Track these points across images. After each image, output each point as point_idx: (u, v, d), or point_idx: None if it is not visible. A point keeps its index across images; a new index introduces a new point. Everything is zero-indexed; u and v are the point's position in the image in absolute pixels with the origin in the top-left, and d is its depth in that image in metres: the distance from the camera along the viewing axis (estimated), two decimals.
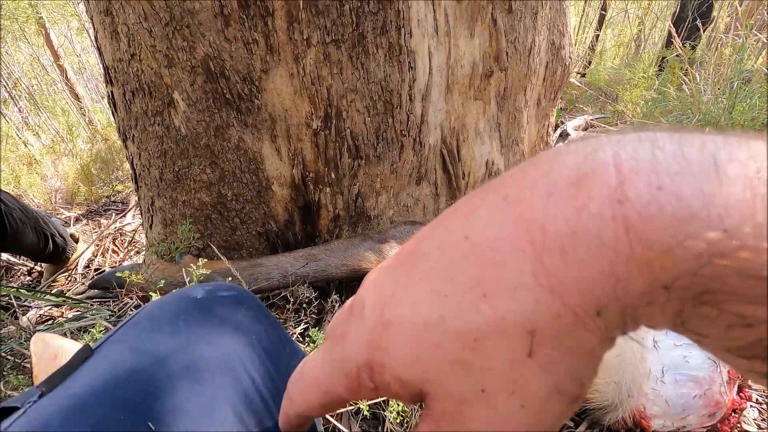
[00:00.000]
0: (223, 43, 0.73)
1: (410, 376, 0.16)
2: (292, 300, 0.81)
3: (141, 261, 1.15)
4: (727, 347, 0.13)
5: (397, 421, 0.63)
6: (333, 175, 0.88)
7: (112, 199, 2.59)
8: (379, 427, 0.69)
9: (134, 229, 1.75)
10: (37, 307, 1.11)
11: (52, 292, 1.14)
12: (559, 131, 2.22)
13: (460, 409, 0.15)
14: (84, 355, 0.32)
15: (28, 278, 1.57)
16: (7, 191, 1.26)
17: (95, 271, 1.49)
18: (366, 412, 0.60)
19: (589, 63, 4.00)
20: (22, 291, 0.86)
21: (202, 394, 0.29)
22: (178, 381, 0.29)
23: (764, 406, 0.81)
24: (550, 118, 1.15)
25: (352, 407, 0.66)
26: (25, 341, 0.67)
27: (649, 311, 0.13)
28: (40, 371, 0.47)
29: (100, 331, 0.67)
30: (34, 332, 0.60)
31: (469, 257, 0.15)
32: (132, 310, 0.91)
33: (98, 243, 1.63)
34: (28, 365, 0.67)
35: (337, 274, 0.85)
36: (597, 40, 4.14)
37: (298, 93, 0.79)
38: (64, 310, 1.18)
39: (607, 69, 3.50)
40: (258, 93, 0.78)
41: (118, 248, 1.65)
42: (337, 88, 0.79)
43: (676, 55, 2.55)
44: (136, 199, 1.19)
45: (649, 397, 0.72)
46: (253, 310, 0.39)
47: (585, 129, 2.32)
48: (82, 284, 1.37)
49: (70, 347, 0.52)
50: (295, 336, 0.76)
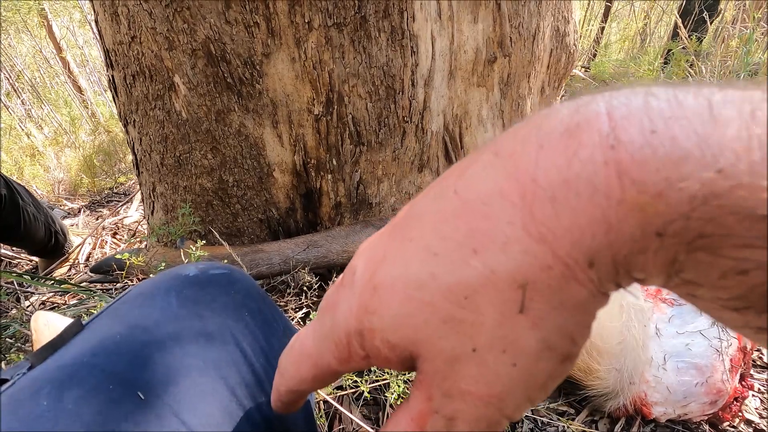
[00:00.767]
0: (224, 26, 0.72)
1: (400, 338, 0.16)
2: (293, 284, 0.81)
3: (142, 248, 1.16)
4: (722, 299, 0.13)
5: (398, 403, 0.63)
6: (335, 162, 0.87)
7: (115, 190, 2.60)
8: (380, 412, 0.69)
9: (136, 221, 1.76)
10: (40, 294, 1.12)
11: (55, 280, 1.14)
12: None
13: (452, 368, 0.15)
14: (74, 330, 0.31)
15: (31, 268, 1.58)
16: (22, 185, 1.26)
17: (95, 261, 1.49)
18: (367, 394, 0.60)
19: (594, 56, 3.97)
20: (26, 277, 0.86)
21: (192, 365, 0.29)
22: (168, 353, 0.29)
23: (766, 395, 0.80)
24: None
25: (354, 391, 0.66)
26: (27, 323, 0.67)
27: (642, 260, 0.13)
28: None
29: None
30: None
31: (459, 214, 0.15)
32: None
33: (97, 235, 1.63)
34: (30, 347, 0.68)
35: (338, 261, 0.85)
36: (602, 33, 4.10)
37: (299, 78, 0.78)
38: (66, 299, 1.18)
39: (612, 62, 3.47)
40: (259, 77, 0.77)
41: (118, 242, 1.65)
42: (339, 73, 0.78)
43: (682, 48, 2.53)
44: (139, 191, 1.18)
45: (651, 384, 0.72)
46: (246, 288, 0.38)
47: None
48: (85, 273, 1.38)
49: None
50: (296, 320, 0.76)
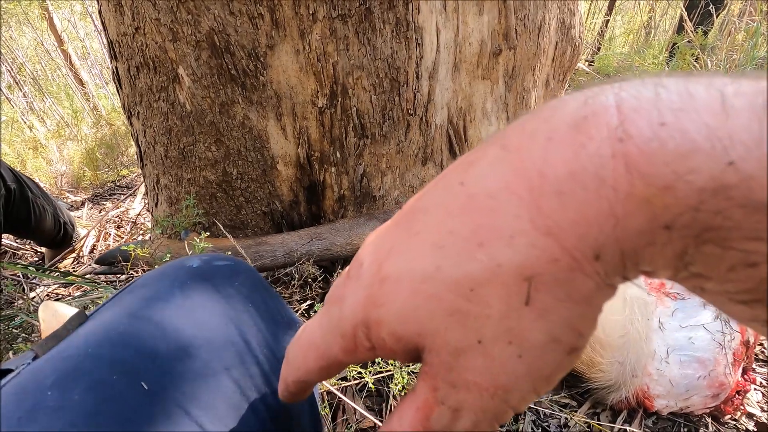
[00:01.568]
0: (228, 17, 0.72)
1: (406, 330, 0.16)
2: (297, 276, 0.81)
3: (146, 240, 1.16)
4: (730, 292, 0.13)
5: (402, 394, 0.64)
6: (338, 155, 0.87)
7: (117, 183, 2.60)
8: (383, 403, 0.70)
9: (138, 213, 1.76)
10: (46, 285, 1.12)
11: (60, 271, 1.15)
12: None
13: (457, 360, 0.15)
14: (79, 321, 0.31)
15: (36, 260, 1.59)
16: (31, 177, 1.27)
17: (100, 254, 1.50)
18: (371, 385, 0.61)
19: (598, 49, 3.94)
20: (31, 268, 0.87)
21: (196, 356, 0.29)
22: (172, 344, 0.29)
23: None
24: None
25: (357, 382, 0.66)
26: (34, 313, 0.68)
27: (650, 253, 0.13)
28: None
29: None
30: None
31: (466, 207, 0.15)
32: None
33: (101, 227, 1.64)
34: (37, 337, 0.68)
35: (341, 253, 0.85)
36: (606, 27, 4.06)
37: (303, 70, 0.78)
38: (71, 290, 1.19)
39: (617, 56, 3.44)
40: (263, 69, 0.77)
41: (121, 234, 1.66)
42: (343, 65, 0.78)
43: (688, 41, 2.51)
44: (142, 183, 1.19)
45: (653, 377, 0.72)
46: (250, 280, 0.38)
47: None
48: (89, 265, 1.38)
49: None
50: (301, 312, 0.77)
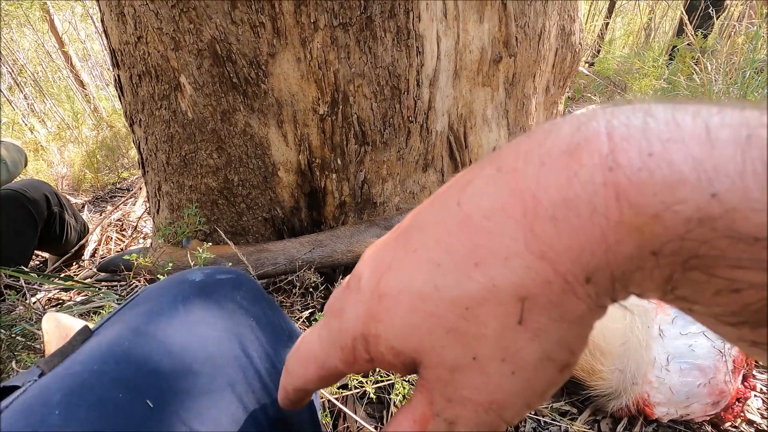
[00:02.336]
0: (229, 26, 0.72)
1: (404, 346, 0.16)
2: (299, 284, 0.81)
3: (148, 246, 1.16)
4: (717, 314, 0.13)
5: (402, 403, 0.64)
6: (339, 161, 0.87)
7: (118, 186, 2.61)
8: (384, 411, 0.70)
9: (139, 217, 1.76)
10: (46, 291, 1.13)
11: (61, 276, 1.15)
12: None
13: (453, 376, 0.16)
14: (83, 336, 0.32)
15: (38, 263, 1.59)
16: (65, 196, 1.33)
17: (101, 258, 1.50)
18: (372, 395, 0.61)
19: (598, 52, 3.94)
20: (32, 274, 0.87)
21: (200, 373, 0.29)
22: (176, 360, 0.29)
23: None
24: (559, 107, 1.14)
25: (358, 391, 0.66)
26: (36, 322, 0.68)
27: (639, 277, 0.13)
28: (51, 350, 0.47)
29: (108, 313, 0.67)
30: (45, 313, 0.61)
31: (463, 227, 0.15)
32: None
33: (102, 231, 1.64)
34: (39, 345, 0.69)
35: (343, 260, 0.85)
36: (606, 29, 4.07)
37: (304, 77, 0.78)
38: (72, 294, 1.19)
39: (616, 58, 3.45)
40: (264, 77, 0.77)
41: (123, 238, 1.66)
42: (344, 73, 0.78)
43: (687, 44, 2.51)
44: (143, 186, 1.20)
45: (654, 385, 0.73)
46: (252, 293, 0.39)
47: None
48: (90, 269, 1.39)
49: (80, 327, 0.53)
50: (302, 320, 0.77)
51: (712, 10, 2.63)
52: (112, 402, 0.26)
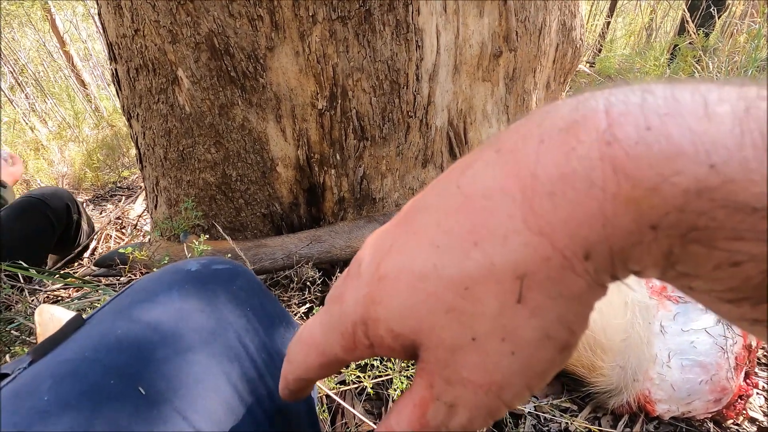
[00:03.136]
0: (227, 19, 0.72)
1: (403, 328, 0.16)
2: (296, 279, 0.81)
3: (146, 242, 1.16)
4: (717, 290, 0.13)
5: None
6: (338, 157, 0.87)
7: (119, 185, 2.60)
8: (383, 407, 0.69)
9: (139, 215, 1.76)
10: (44, 289, 1.12)
11: (60, 274, 1.15)
12: None
13: (453, 356, 0.15)
14: (75, 324, 0.31)
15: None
16: (78, 200, 1.34)
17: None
18: (370, 390, 0.60)
19: (599, 51, 3.93)
20: (31, 271, 0.87)
21: (194, 361, 0.29)
22: (170, 348, 0.29)
23: None
24: None
25: (356, 386, 0.66)
26: (31, 315, 0.68)
27: (638, 252, 0.13)
28: None
29: None
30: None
31: (462, 208, 0.15)
32: None
33: (102, 229, 1.64)
34: (34, 339, 0.68)
35: (341, 256, 0.85)
36: (608, 28, 4.06)
37: (303, 72, 0.78)
38: (71, 292, 1.19)
39: (618, 57, 3.44)
40: (263, 71, 0.77)
41: (123, 236, 1.66)
42: (343, 67, 0.77)
43: (689, 43, 2.50)
44: (143, 184, 1.21)
45: (655, 382, 0.72)
46: (249, 284, 0.38)
47: None
48: (88, 267, 1.38)
49: None
50: (299, 315, 0.76)
51: (714, 9, 2.62)
52: (104, 389, 0.25)
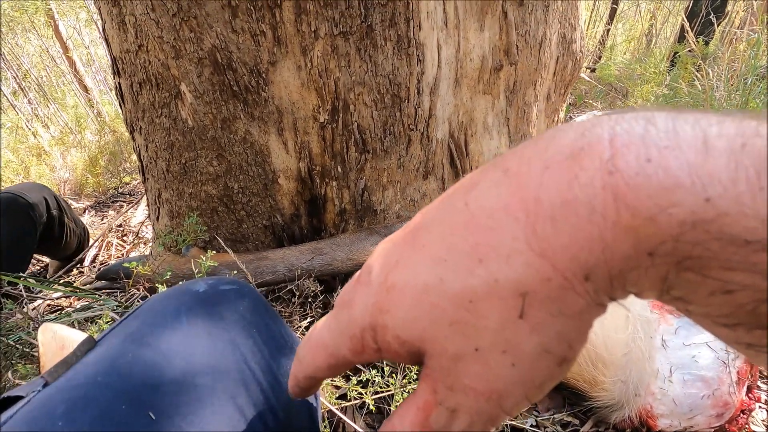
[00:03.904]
0: (230, 35, 0.72)
1: (409, 335, 0.17)
2: (298, 294, 0.81)
3: (147, 253, 1.16)
4: (712, 315, 0.14)
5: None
6: (339, 169, 0.87)
7: (120, 190, 2.61)
8: (384, 422, 0.69)
9: (141, 222, 1.76)
10: (44, 298, 1.12)
11: (60, 283, 1.15)
12: None
13: (455, 365, 0.16)
14: (87, 347, 0.32)
15: (38, 269, 1.59)
16: (64, 199, 1.32)
17: (101, 264, 1.50)
18: (371, 406, 0.60)
19: (599, 58, 3.94)
20: (30, 280, 0.87)
21: (201, 385, 0.30)
22: (178, 373, 0.30)
23: None
24: (560, 114, 1.14)
25: (357, 401, 0.66)
26: (32, 330, 0.68)
27: (635, 276, 0.14)
28: (47, 361, 0.47)
29: (107, 322, 0.67)
30: (42, 322, 0.61)
31: (468, 226, 0.16)
32: (138, 302, 0.91)
33: (103, 237, 1.64)
34: (36, 354, 0.68)
35: (342, 268, 0.85)
36: (608, 35, 4.08)
37: (305, 86, 0.78)
38: (72, 301, 1.19)
39: (618, 64, 3.45)
40: (265, 85, 0.77)
41: (124, 244, 1.66)
42: (345, 81, 0.78)
43: (689, 50, 2.51)
44: (144, 191, 1.21)
45: (657, 397, 0.72)
46: (254, 304, 0.39)
47: None
48: (89, 276, 1.38)
49: (77, 338, 0.53)
50: (301, 330, 0.76)
51: (714, 17, 2.63)
52: (115, 414, 0.26)
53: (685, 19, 2.65)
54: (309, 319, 0.78)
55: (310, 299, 0.81)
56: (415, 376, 0.64)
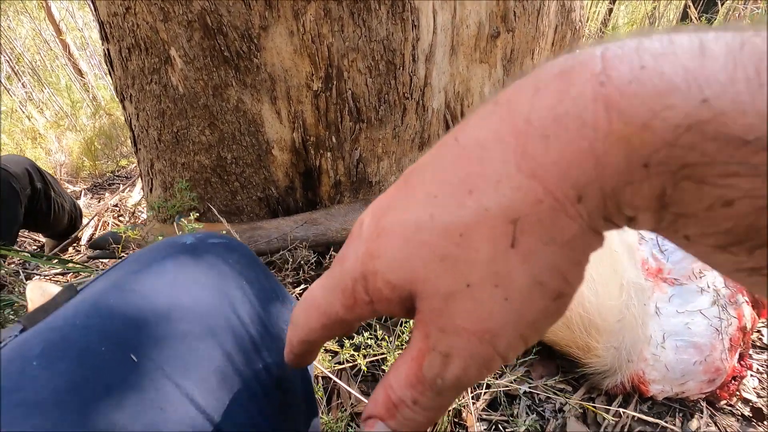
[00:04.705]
0: None
1: (399, 278, 0.16)
2: (291, 260, 0.80)
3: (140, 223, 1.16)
4: (712, 234, 0.13)
5: None
6: (334, 140, 0.86)
7: (116, 173, 2.60)
8: None
9: (137, 203, 1.76)
10: (40, 275, 1.12)
11: (59, 259, 1.15)
12: None
13: (447, 305, 0.15)
14: (68, 295, 0.31)
15: (35, 248, 1.59)
16: (52, 174, 1.29)
17: None
18: (365, 369, 0.60)
19: (601, 39, 3.89)
20: (27, 255, 0.87)
21: (187, 330, 0.29)
22: (163, 317, 0.29)
23: (765, 375, 0.80)
24: None
25: (351, 365, 0.66)
26: (24, 294, 0.68)
27: (630, 193, 0.13)
28: None
29: None
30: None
31: (458, 159, 0.16)
32: None
33: (99, 217, 1.64)
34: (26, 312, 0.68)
35: (336, 239, 0.85)
36: (610, 15, 4.01)
37: (297, 52, 0.77)
38: (69, 278, 1.19)
39: None
40: (257, 51, 0.76)
41: (120, 224, 1.66)
42: (338, 47, 0.76)
43: None
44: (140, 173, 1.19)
45: (649, 363, 0.72)
46: (245, 258, 0.38)
47: None
48: (85, 255, 1.38)
49: None
50: (295, 295, 0.76)
51: None
52: (95, 355, 0.25)
53: None
54: (303, 285, 0.78)
55: (303, 264, 0.80)
56: (408, 338, 0.64)
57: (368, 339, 0.61)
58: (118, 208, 1.81)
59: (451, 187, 0.15)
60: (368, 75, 0.80)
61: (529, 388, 0.74)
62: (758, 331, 0.88)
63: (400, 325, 0.70)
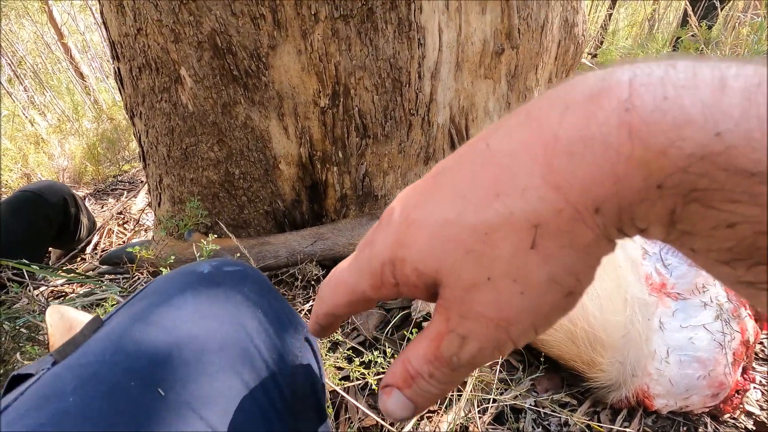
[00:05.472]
0: (230, 18, 0.71)
1: (426, 267, 0.18)
2: (300, 277, 0.81)
3: (149, 239, 1.17)
4: (715, 250, 0.14)
5: None
6: (340, 154, 0.87)
7: (119, 178, 2.60)
8: None
9: (141, 209, 1.76)
10: (47, 284, 1.13)
11: (63, 270, 1.16)
12: None
13: (469, 294, 0.17)
14: (94, 326, 0.32)
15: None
16: (76, 194, 1.35)
17: (102, 251, 1.50)
18: (374, 386, 0.61)
19: (601, 43, 3.90)
20: (34, 266, 0.87)
21: (209, 363, 0.30)
22: (185, 351, 0.30)
23: (767, 388, 0.81)
24: None
25: (360, 382, 0.67)
26: (39, 314, 0.69)
27: (644, 209, 0.15)
28: (56, 341, 0.48)
29: (112, 305, 0.68)
30: (48, 305, 0.62)
31: (488, 164, 0.17)
32: (142, 285, 0.92)
33: (104, 224, 1.65)
34: (43, 337, 0.69)
35: (344, 253, 0.86)
36: (610, 19, 4.02)
37: (305, 70, 0.78)
38: (75, 287, 1.20)
39: (620, 49, 3.41)
40: (265, 69, 0.77)
41: (125, 231, 1.66)
42: (345, 65, 0.77)
43: (691, 35, 2.48)
44: (144, 178, 1.21)
45: (653, 377, 0.73)
46: (258, 285, 0.39)
47: None
48: (91, 263, 1.39)
49: (84, 319, 0.54)
50: (303, 312, 0.77)
51: (717, 1, 2.59)
52: (125, 391, 0.26)
53: (688, 3, 2.61)
54: (311, 302, 0.78)
55: (312, 282, 0.81)
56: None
57: (378, 357, 0.62)
58: (122, 216, 1.82)
59: (479, 190, 0.17)
60: (375, 92, 0.81)
61: (535, 402, 0.75)
62: (761, 343, 0.89)
63: (406, 341, 0.71)
